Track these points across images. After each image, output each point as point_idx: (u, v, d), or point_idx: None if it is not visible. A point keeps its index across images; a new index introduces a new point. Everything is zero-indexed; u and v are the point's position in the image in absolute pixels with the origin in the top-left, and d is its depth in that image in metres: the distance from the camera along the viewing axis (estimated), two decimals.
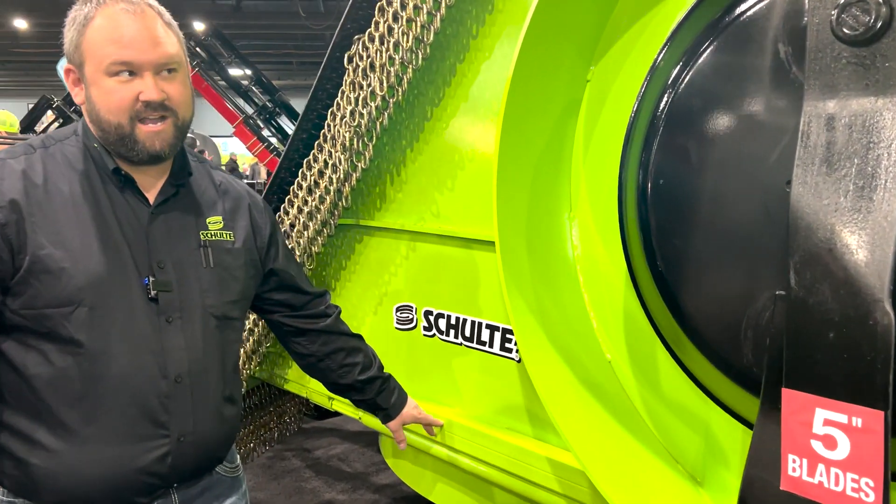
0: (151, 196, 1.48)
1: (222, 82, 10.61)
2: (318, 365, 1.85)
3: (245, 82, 11.00)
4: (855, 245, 1.05)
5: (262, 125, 10.52)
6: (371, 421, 2.34)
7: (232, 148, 21.03)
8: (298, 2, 14.06)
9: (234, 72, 11.00)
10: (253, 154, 10.93)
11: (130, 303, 1.39)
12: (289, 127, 10.46)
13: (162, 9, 1.45)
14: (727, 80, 1.30)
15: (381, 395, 1.91)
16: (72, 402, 1.35)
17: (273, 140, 10.38)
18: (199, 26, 14.19)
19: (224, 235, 1.56)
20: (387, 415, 1.95)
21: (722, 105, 1.30)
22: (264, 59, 20.18)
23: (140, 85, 1.37)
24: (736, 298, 1.26)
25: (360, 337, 1.91)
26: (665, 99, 1.37)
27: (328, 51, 2.13)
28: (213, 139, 18.67)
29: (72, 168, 1.41)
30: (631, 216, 1.47)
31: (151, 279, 1.41)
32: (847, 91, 1.07)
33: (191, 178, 1.55)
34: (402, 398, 1.97)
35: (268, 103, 10.35)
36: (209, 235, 1.54)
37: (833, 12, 1.07)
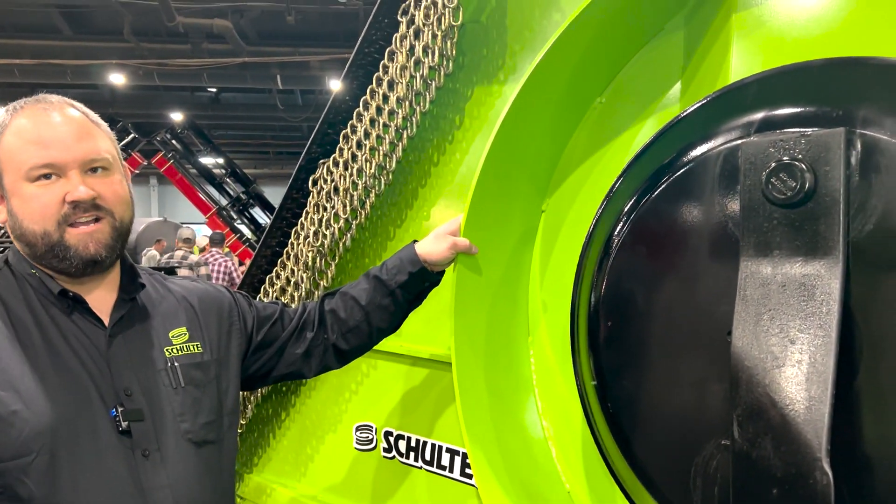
0: (104, 316, 1.35)
1: (194, 171, 10.74)
2: (357, 333, 1.68)
3: (219, 171, 11.16)
4: (793, 400, 1.07)
5: (235, 216, 10.62)
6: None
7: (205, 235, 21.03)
8: (276, 95, 14.42)
9: (208, 161, 11.17)
10: (225, 244, 10.96)
11: (98, 441, 1.24)
12: (262, 218, 10.59)
13: (87, 109, 1.36)
14: (672, 227, 1.34)
15: (393, 276, 1.67)
16: None
17: (246, 230, 10.46)
18: (177, 117, 14.45)
19: (191, 348, 1.44)
20: (421, 276, 1.67)
21: (667, 251, 1.35)
22: (241, 149, 20.52)
23: (65, 185, 1.25)
24: (685, 445, 1.26)
25: (329, 295, 1.75)
26: (612, 242, 1.42)
27: (294, 172, 2.18)
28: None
29: (6, 302, 1.28)
30: (583, 352, 1.49)
31: (120, 409, 1.27)
32: (780, 250, 1.12)
33: (144, 290, 1.42)
34: (407, 251, 1.70)
35: (241, 195, 10.49)
36: (175, 351, 1.41)
37: (763, 176, 1.13)
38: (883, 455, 1.07)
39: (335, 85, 13.12)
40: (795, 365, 1.08)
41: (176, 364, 1.39)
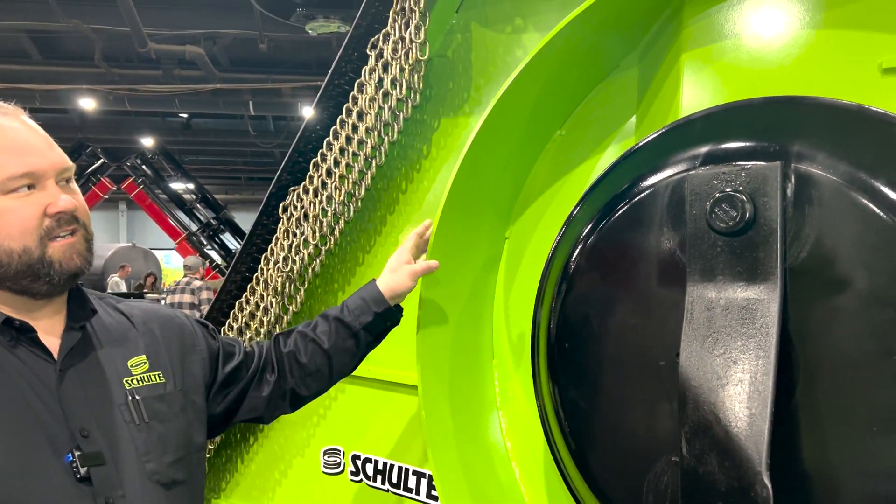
0: (52, 348, 1.19)
1: (164, 196, 10.68)
2: (314, 377, 1.59)
3: (189, 197, 11.12)
4: (736, 418, 1.14)
5: (205, 241, 10.56)
6: None
7: (175, 260, 20.83)
8: (249, 120, 14.43)
9: (179, 186, 11.12)
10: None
11: (54, 492, 1.09)
12: (232, 243, 10.55)
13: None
14: (625, 253, 1.41)
15: (357, 318, 1.61)
16: None
17: (216, 256, 10.41)
18: (147, 142, 14.38)
19: (153, 378, 1.29)
20: (386, 316, 1.63)
21: (621, 276, 1.41)
22: (212, 175, 20.44)
23: (43, 197, 1.14)
24: (638, 462, 1.32)
25: (283, 335, 1.65)
26: (570, 267, 1.48)
27: (265, 199, 2.23)
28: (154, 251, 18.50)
29: None
30: (543, 373, 1.54)
31: (76, 453, 1.12)
32: (723, 276, 1.20)
33: (96, 316, 1.28)
34: (369, 290, 1.64)
35: (212, 220, 10.45)
36: (135, 382, 1.26)
37: (707, 206, 1.21)
38: (817, 467, 1.13)
39: (307, 112, 13.17)
40: (738, 384, 1.15)
41: (137, 397, 1.25)
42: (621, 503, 1.35)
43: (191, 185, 10.68)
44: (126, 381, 1.25)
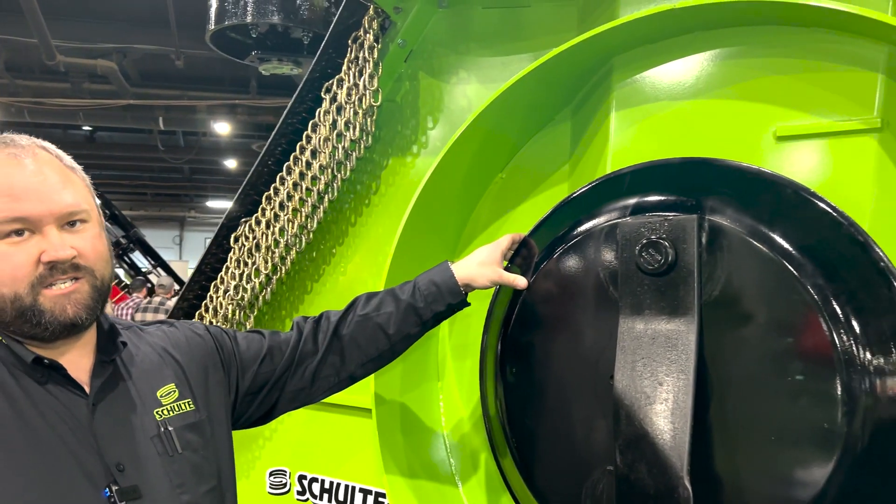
0: (83, 383, 1.18)
1: None
2: (368, 364, 1.57)
3: None
4: (662, 431, 1.34)
5: (114, 261, 10.21)
6: None
7: None
8: (158, 135, 14.07)
9: None
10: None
11: None
12: (142, 263, 10.24)
13: (60, 151, 1.21)
14: (565, 289, 1.61)
15: (429, 305, 1.56)
16: None
17: (121, 274, 10.12)
18: None
19: (183, 407, 1.29)
20: (452, 306, 1.58)
21: (562, 308, 1.61)
22: (117, 190, 19.67)
23: (41, 243, 1.11)
24: (577, 472, 1.51)
25: (341, 319, 1.59)
26: (516, 300, 1.67)
27: (217, 229, 2.31)
28: None
29: None
30: (490, 394, 1.72)
31: (114, 488, 1.12)
32: (650, 310, 1.41)
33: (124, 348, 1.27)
34: (444, 277, 1.57)
35: (121, 239, 10.09)
36: (166, 412, 1.25)
37: (636, 250, 1.42)
38: (729, 472, 1.35)
39: (221, 128, 13.01)
40: (663, 402, 1.36)
41: (170, 428, 1.24)
42: None
43: (97, 202, 10.31)
44: (157, 412, 1.25)
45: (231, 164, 16.29)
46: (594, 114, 1.80)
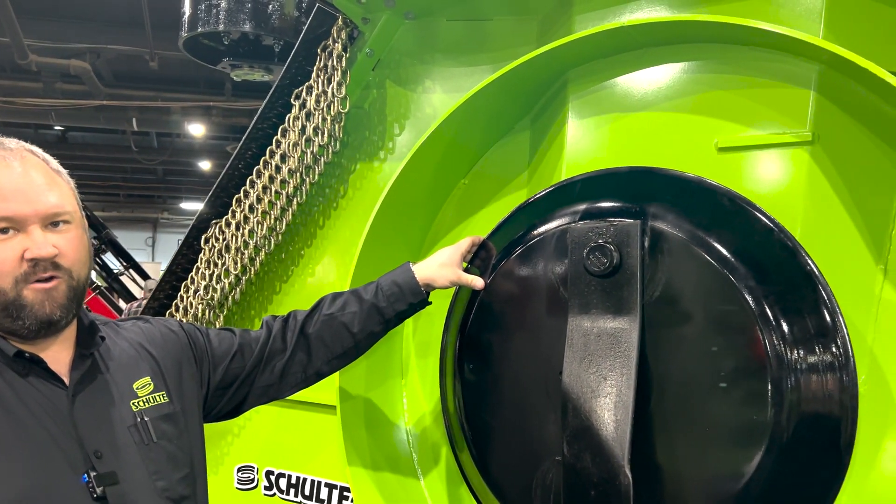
0: (63, 375, 1.25)
1: None
2: (333, 362, 1.64)
3: None
4: (605, 423, 1.43)
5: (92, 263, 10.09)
6: None
7: None
8: (131, 136, 13.96)
9: None
10: None
11: None
12: (114, 264, 10.18)
13: (47, 155, 1.28)
14: (520, 288, 1.70)
15: (392, 305, 1.64)
16: None
17: (95, 277, 10.04)
18: None
19: (158, 399, 1.35)
20: (414, 305, 1.66)
21: (516, 307, 1.70)
22: (90, 191, 19.45)
23: (24, 241, 1.17)
24: (528, 462, 1.59)
25: (307, 318, 1.67)
26: (473, 300, 1.75)
27: (188, 230, 2.36)
28: None
29: None
30: (449, 389, 1.80)
31: (92, 474, 1.19)
32: (596, 309, 1.50)
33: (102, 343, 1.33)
34: (406, 277, 1.66)
35: (93, 240, 10.00)
36: (141, 404, 1.32)
37: (584, 253, 1.51)
38: (668, 461, 1.45)
39: (196, 129, 12.96)
40: (607, 396, 1.45)
41: (146, 418, 1.31)
42: (514, 497, 1.62)
43: (80, 205, 10.22)
44: (133, 403, 1.32)
45: (205, 165, 16.20)
46: (551, 123, 1.89)
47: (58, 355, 1.27)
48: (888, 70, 1.55)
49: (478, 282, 1.70)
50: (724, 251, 1.44)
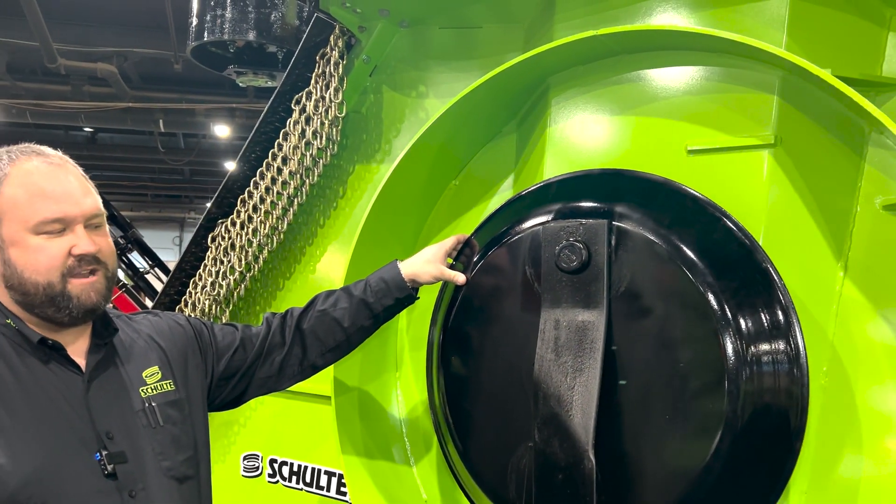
0: (79, 361, 1.38)
1: None
2: (325, 356, 1.74)
3: None
4: (572, 410, 1.52)
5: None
6: None
7: None
8: (158, 137, 14.24)
9: None
10: None
11: (86, 486, 1.28)
12: (140, 263, 10.43)
13: (74, 162, 1.42)
14: (499, 283, 1.79)
15: (379, 300, 1.75)
16: None
17: (122, 275, 10.29)
18: None
19: (165, 386, 1.48)
20: (400, 300, 1.76)
21: (495, 301, 1.79)
22: (117, 191, 19.85)
23: (71, 239, 1.31)
24: (505, 449, 1.69)
25: (302, 314, 1.77)
26: (457, 296, 1.84)
27: (196, 229, 2.49)
28: None
29: None
30: (435, 381, 1.89)
31: (104, 453, 1.31)
32: (567, 304, 1.59)
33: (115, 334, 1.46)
34: (392, 274, 1.76)
35: (119, 239, 10.26)
36: (150, 391, 1.45)
37: (556, 250, 1.60)
38: (631, 446, 1.53)
39: (221, 130, 13.19)
40: (575, 384, 1.53)
41: (153, 404, 1.43)
42: (492, 481, 1.71)
43: None
44: (142, 390, 1.44)
45: (230, 166, 16.43)
46: (535, 127, 1.98)
47: (76, 344, 1.40)
48: (853, 74, 1.62)
49: (459, 277, 1.80)
50: (685, 249, 1.52)
